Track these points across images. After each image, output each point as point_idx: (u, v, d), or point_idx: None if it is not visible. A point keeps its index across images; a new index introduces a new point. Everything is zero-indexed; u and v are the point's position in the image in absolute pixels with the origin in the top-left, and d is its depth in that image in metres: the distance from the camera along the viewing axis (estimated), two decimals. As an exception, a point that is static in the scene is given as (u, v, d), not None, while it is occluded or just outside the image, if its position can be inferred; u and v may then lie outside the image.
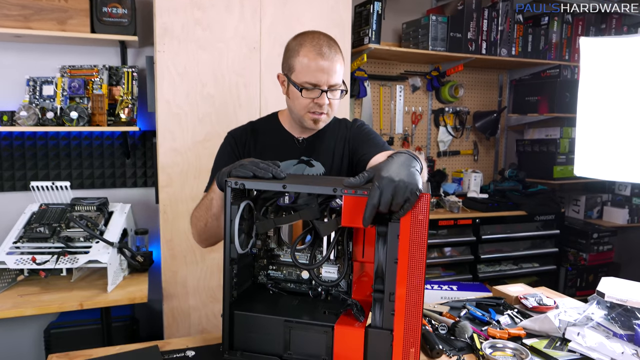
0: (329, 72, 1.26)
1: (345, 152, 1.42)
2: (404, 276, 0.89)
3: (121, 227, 2.04)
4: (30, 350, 2.47)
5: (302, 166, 1.39)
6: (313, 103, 1.29)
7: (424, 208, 0.87)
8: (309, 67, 1.26)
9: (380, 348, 0.93)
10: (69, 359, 1.07)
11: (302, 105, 1.30)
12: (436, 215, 2.86)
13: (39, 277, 1.92)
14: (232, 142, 1.41)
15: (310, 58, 1.26)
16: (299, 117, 1.34)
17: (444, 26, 2.93)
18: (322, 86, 1.27)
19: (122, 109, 2.32)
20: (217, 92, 2.18)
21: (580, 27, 3.35)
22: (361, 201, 0.89)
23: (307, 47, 1.27)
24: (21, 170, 2.38)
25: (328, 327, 0.96)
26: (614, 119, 1.89)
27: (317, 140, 1.42)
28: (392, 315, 0.91)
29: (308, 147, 1.41)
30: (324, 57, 1.26)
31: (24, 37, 2.21)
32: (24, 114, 2.14)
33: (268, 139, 1.42)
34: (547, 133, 3.38)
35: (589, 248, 3.34)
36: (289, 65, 1.31)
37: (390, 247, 0.91)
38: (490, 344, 1.17)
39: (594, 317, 1.24)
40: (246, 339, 1.00)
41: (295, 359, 0.98)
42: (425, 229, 0.87)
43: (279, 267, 1.13)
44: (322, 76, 1.26)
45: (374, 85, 3.17)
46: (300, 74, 1.27)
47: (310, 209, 0.98)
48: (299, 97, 1.29)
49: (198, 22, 2.11)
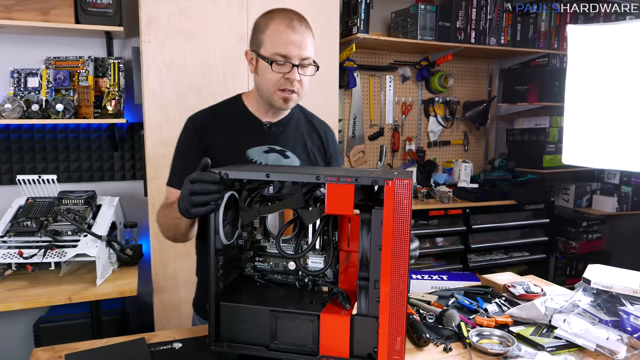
0: (300, 45, 1.23)
1: (319, 159, 1.42)
2: (388, 263, 0.89)
3: (110, 220, 2.02)
4: (19, 344, 2.46)
5: (277, 156, 1.34)
6: (284, 79, 1.24)
7: (407, 193, 0.87)
8: (279, 39, 1.22)
9: (366, 335, 0.93)
10: (54, 352, 1.06)
11: (272, 82, 1.25)
12: (427, 206, 2.87)
13: (27, 272, 1.90)
14: (192, 131, 1.34)
15: (280, 30, 1.23)
16: (268, 95, 1.28)
17: (432, 15, 2.92)
18: (293, 60, 1.22)
19: (108, 100, 2.30)
20: (205, 83, 2.16)
21: (569, 16, 3.35)
22: (345, 188, 0.89)
23: (277, 20, 1.25)
24: (7, 164, 2.35)
25: (314, 316, 0.95)
26: (602, 106, 1.90)
27: (285, 127, 1.38)
28: (377, 303, 0.91)
29: (276, 134, 1.36)
30: (294, 30, 1.23)
31: (7, 28, 2.17)
32: (8, 107, 2.11)
33: (233, 124, 1.35)
34: (537, 122, 3.39)
35: (579, 236, 3.37)
36: (258, 40, 1.27)
37: (374, 234, 0.91)
38: (477, 332, 1.18)
39: (580, 304, 1.25)
40: (233, 329, 1.00)
41: (281, 348, 0.98)
42: (408, 215, 0.87)
43: (265, 258, 1.12)
44: (292, 49, 1.22)
45: (364, 75, 3.16)
46: (270, 47, 1.23)
47: (295, 198, 0.97)
48: (269, 72, 1.23)
49: (183, 13, 2.08)
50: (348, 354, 0.95)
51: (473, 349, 1.12)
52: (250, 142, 1.32)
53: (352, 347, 0.95)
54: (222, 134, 1.33)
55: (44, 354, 1.06)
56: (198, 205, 0.95)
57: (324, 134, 1.46)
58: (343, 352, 0.95)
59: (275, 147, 1.34)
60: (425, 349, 1.12)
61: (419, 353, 1.11)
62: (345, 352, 0.95)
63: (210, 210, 0.97)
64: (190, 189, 0.95)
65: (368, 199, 0.96)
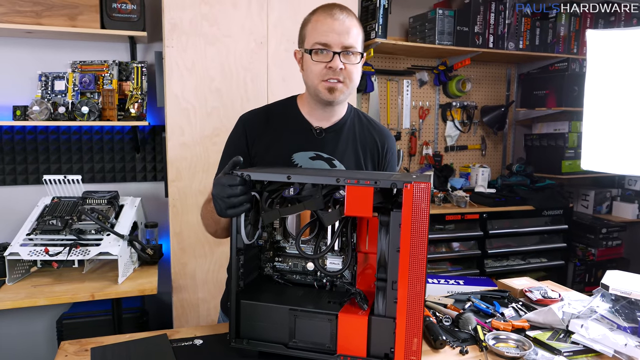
0: (340, 32, 1.19)
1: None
2: (406, 265, 0.91)
3: (131, 220, 2.07)
4: (43, 339, 2.53)
5: (323, 164, 1.30)
6: (326, 69, 1.20)
7: (425, 197, 0.89)
8: (319, 29, 1.20)
9: (383, 336, 0.95)
10: (80, 346, 1.10)
11: (315, 73, 1.21)
12: (443, 210, 2.87)
13: (52, 269, 1.96)
14: (241, 129, 1.31)
15: (320, 20, 1.21)
16: (314, 88, 1.24)
17: (450, 20, 2.93)
18: (334, 47, 1.19)
19: (131, 103, 2.35)
20: (225, 86, 2.20)
21: (589, 20, 3.32)
22: (364, 191, 0.92)
23: (319, 12, 1.24)
24: (34, 164, 2.43)
25: (332, 315, 0.98)
26: (623, 112, 1.88)
27: (336, 134, 1.33)
28: (394, 304, 0.93)
29: (325, 141, 1.31)
30: (334, 18, 1.20)
31: (36, 33, 2.25)
32: (36, 109, 2.18)
33: (282, 126, 1.31)
34: (556, 127, 3.36)
35: (598, 243, 3.32)
36: (302, 36, 1.26)
37: (393, 235, 0.93)
38: (494, 336, 1.18)
39: (598, 309, 1.24)
40: (252, 327, 1.03)
41: (300, 347, 1.00)
42: (426, 218, 0.89)
43: (284, 259, 1.15)
44: (332, 35, 1.18)
45: (381, 80, 3.17)
46: (311, 37, 1.21)
47: (315, 200, 0.99)
48: (312, 63, 1.21)
49: (205, 18, 2.13)
50: (365, 353, 0.96)
51: (489, 352, 1.13)
52: (298, 146, 1.29)
53: (369, 347, 0.97)
54: (270, 135, 1.30)
55: (71, 346, 1.10)
56: (232, 207, 0.99)
57: (381, 143, 1.39)
58: (360, 352, 0.97)
59: (323, 154, 1.30)
60: (441, 352, 1.13)
61: (436, 355, 1.12)
62: (363, 351, 0.96)
63: (246, 210, 1.00)
64: (220, 192, 0.98)
65: (386, 202, 0.98)
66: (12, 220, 2.31)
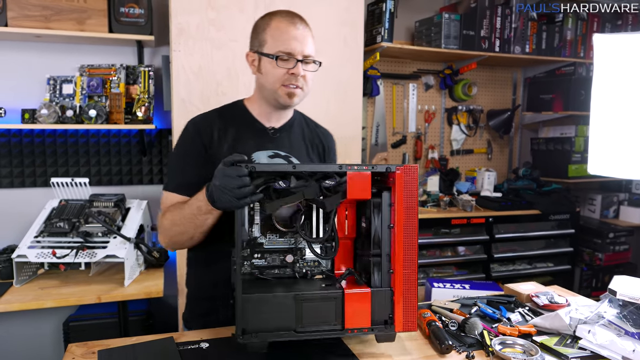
0: (302, 41, 1.26)
1: None
2: (401, 236, 1.05)
3: (138, 223, 2.08)
4: (50, 341, 2.54)
5: (282, 161, 1.34)
6: (288, 75, 1.25)
7: (414, 177, 1.05)
8: (282, 36, 1.25)
9: (383, 305, 1.07)
10: (87, 348, 1.10)
11: (276, 77, 1.26)
12: (449, 214, 2.86)
13: (59, 271, 1.98)
14: (194, 134, 1.31)
15: (282, 28, 1.26)
16: (272, 92, 1.28)
17: (456, 24, 2.93)
18: (297, 55, 1.25)
19: (138, 107, 2.37)
20: (231, 90, 2.21)
21: (596, 24, 3.31)
22: (362, 176, 1.04)
23: (278, 18, 1.27)
24: (42, 167, 2.45)
25: (338, 294, 1.04)
26: (630, 116, 1.87)
27: (288, 133, 1.39)
28: (389, 274, 1.06)
29: (280, 140, 1.37)
30: (296, 27, 1.26)
31: (45, 37, 2.27)
32: (44, 112, 2.20)
33: (237, 128, 1.34)
34: (562, 131, 3.35)
35: (605, 248, 3.30)
36: (260, 40, 1.29)
37: (384, 214, 1.06)
38: (500, 341, 1.18)
39: (605, 315, 1.24)
40: (258, 320, 1.02)
41: (308, 330, 1.03)
42: (415, 195, 1.05)
43: (262, 254, 1.15)
44: (296, 44, 1.25)
45: (387, 83, 3.17)
46: (274, 44, 1.26)
47: (312, 187, 1.04)
48: (274, 68, 1.25)
49: (212, 22, 2.14)
50: (370, 323, 1.06)
51: (496, 357, 1.12)
52: (256, 146, 1.33)
53: (372, 317, 1.06)
54: (226, 137, 1.32)
55: (78, 349, 1.10)
56: (242, 197, 1.00)
57: (325, 141, 1.48)
58: (365, 323, 1.06)
59: (280, 152, 1.35)
60: (447, 356, 1.13)
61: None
62: (367, 322, 1.06)
63: (261, 198, 1.03)
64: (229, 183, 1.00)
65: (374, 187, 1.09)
66: (20, 222, 2.33)
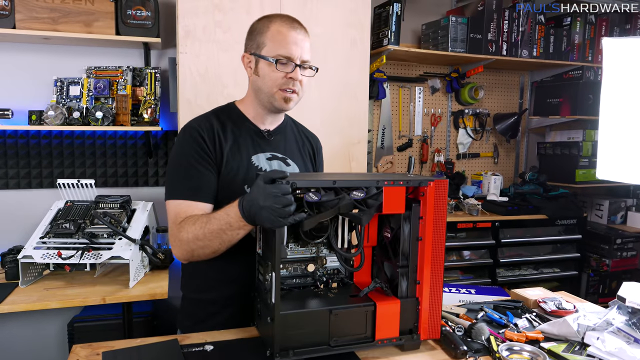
0: (302, 46, 1.26)
1: (310, 169, 1.46)
2: (429, 249, 1.07)
3: (143, 225, 2.08)
4: (54, 342, 2.54)
5: (279, 163, 1.35)
6: (286, 78, 1.25)
7: (444, 191, 1.08)
8: (283, 40, 1.24)
9: (409, 314, 1.10)
10: (92, 350, 1.10)
11: (273, 81, 1.25)
12: (455, 218, 2.85)
13: (64, 272, 1.98)
14: (197, 137, 1.26)
15: (282, 31, 1.25)
16: (269, 96, 1.28)
17: (463, 27, 2.92)
18: (296, 60, 1.25)
19: (145, 109, 2.38)
20: (238, 93, 2.19)
21: (604, 28, 3.29)
22: (398, 191, 1.06)
23: (278, 22, 1.27)
24: (48, 168, 2.46)
25: (370, 306, 1.07)
26: (639, 121, 1.85)
27: (282, 137, 1.40)
28: (416, 284, 1.09)
29: (276, 142, 1.37)
30: (297, 31, 1.26)
31: (52, 39, 2.28)
32: (51, 114, 2.21)
33: (235, 130, 1.32)
34: (570, 136, 3.32)
35: (612, 254, 3.26)
36: (258, 42, 1.28)
37: (413, 226, 1.08)
38: (507, 347, 1.16)
39: (614, 322, 1.22)
40: (295, 337, 1.01)
41: (340, 343, 1.04)
42: (444, 209, 1.08)
43: (284, 264, 1.15)
44: (296, 49, 1.25)
45: (393, 86, 3.17)
46: (273, 47, 1.25)
47: (347, 201, 1.02)
48: (272, 71, 1.25)
49: (219, 25, 2.15)
50: (398, 333, 1.09)
51: (503, 363, 1.11)
52: (255, 148, 1.33)
53: (400, 327, 1.09)
54: (227, 139, 1.30)
55: (83, 350, 1.10)
56: (287, 216, 0.96)
57: (314, 142, 1.51)
58: (394, 333, 1.09)
59: (277, 154, 1.36)
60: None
61: (449, 365, 1.11)
62: (396, 332, 1.09)
63: (304, 217, 1.00)
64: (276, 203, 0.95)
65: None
66: (26, 223, 2.33)
